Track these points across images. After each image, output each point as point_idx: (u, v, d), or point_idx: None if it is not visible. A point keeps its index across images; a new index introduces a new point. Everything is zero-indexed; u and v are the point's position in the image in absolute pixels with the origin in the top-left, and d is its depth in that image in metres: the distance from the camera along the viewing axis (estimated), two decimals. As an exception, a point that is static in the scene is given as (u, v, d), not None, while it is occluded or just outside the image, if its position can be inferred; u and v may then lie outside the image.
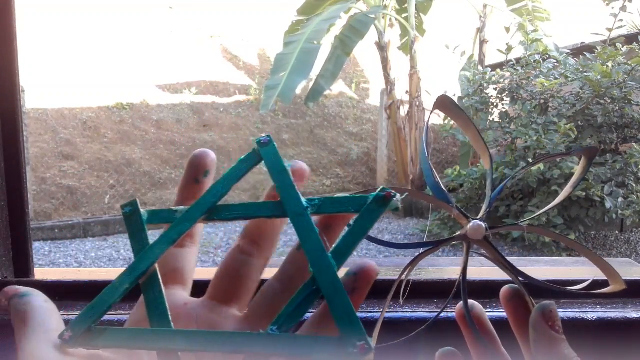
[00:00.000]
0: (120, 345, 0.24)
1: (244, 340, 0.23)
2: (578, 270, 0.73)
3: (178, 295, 0.28)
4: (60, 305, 0.52)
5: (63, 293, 0.53)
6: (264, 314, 0.26)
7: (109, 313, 0.26)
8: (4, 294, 0.26)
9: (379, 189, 0.25)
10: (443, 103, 0.34)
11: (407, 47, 5.82)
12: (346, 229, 0.26)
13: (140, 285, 0.26)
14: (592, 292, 0.35)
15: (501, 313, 0.35)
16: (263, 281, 0.29)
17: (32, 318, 0.24)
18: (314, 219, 0.26)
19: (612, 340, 0.45)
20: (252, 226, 0.29)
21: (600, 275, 0.35)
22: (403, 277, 0.34)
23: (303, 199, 0.26)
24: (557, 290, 0.33)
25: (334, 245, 0.24)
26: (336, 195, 0.26)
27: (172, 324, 0.25)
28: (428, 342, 0.37)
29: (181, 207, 0.28)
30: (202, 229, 0.31)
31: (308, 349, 0.22)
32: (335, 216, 0.26)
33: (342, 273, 0.24)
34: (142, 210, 0.28)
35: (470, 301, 0.34)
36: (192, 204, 0.27)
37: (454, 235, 0.33)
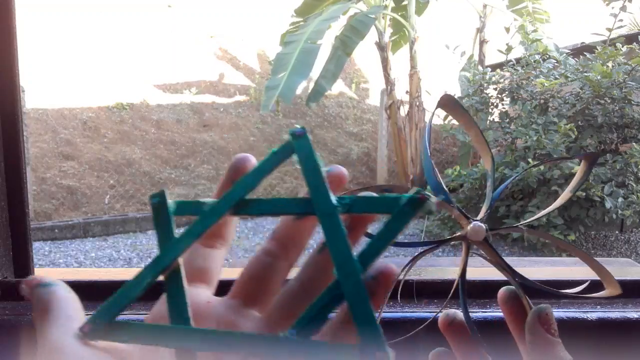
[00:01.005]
0: (139, 340, 0.24)
1: (262, 343, 0.22)
2: (578, 270, 0.73)
3: (202, 294, 0.28)
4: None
5: (63, 293, 0.53)
6: (283, 316, 0.26)
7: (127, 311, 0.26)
8: (27, 283, 0.26)
9: (413, 190, 0.24)
10: (446, 102, 0.34)
11: (399, 45, 5.83)
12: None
13: (164, 279, 0.25)
14: (587, 296, 0.35)
15: (500, 313, 0.35)
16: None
17: (55, 308, 0.24)
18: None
19: (612, 340, 0.45)
20: (281, 228, 0.29)
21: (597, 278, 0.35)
22: (402, 276, 0.34)
23: (333, 197, 0.25)
24: (554, 292, 0.33)
25: (360, 249, 0.23)
26: (368, 195, 0.25)
27: (191, 321, 0.24)
28: (427, 341, 0.37)
29: (209, 200, 0.27)
30: (234, 229, 0.31)
31: (326, 356, 0.21)
32: (359, 217, 0.25)
33: None
34: (169, 202, 0.27)
35: (452, 311, 0.33)
36: (220, 197, 0.27)
37: (454, 235, 0.33)
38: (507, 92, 4.53)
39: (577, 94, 4.16)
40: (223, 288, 0.30)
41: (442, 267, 0.56)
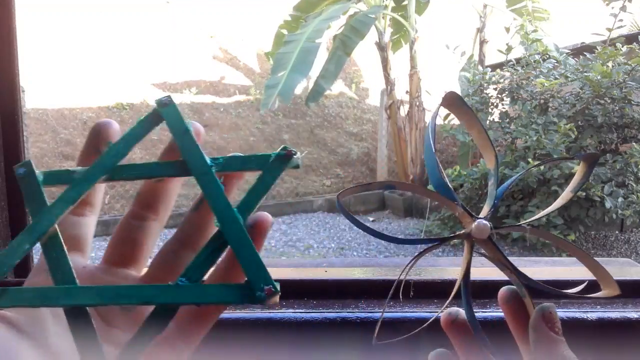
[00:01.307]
0: (25, 304, 0.23)
1: (154, 292, 0.23)
2: (578, 270, 0.73)
3: (76, 261, 0.28)
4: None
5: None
6: (163, 273, 0.27)
7: None
8: None
9: (280, 148, 0.26)
10: (451, 99, 0.34)
11: (399, 44, 5.83)
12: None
13: (41, 245, 0.25)
14: (587, 296, 0.35)
15: (499, 313, 0.35)
16: None
17: None
18: None
19: (612, 340, 0.45)
20: (145, 191, 0.29)
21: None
22: (403, 275, 0.34)
23: (207, 158, 0.26)
24: (556, 293, 0.33)
25: (238, 202, 0.25)
26: (239, 155, 0.27)
27: (77, 281, 0.24)
28: (427, 342, 0.37)
29: (79, 168, 0.27)
30: (102, 197, 0.31)
31: (218, 295, 0.23)
32: (230, 176, 0.27)
33: None
34: (37, 171, 0.27)
35: (455, 309, 0.33)
36: (91, 164, 0.27)
37: (458, 233, 0.32)
38: (507, 92, 4.53)
39: (577, 94, 4.15)
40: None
41: (442, 267, 0.56)
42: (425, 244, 0.31)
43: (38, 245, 0.26)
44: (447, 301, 0.33)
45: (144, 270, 0.29)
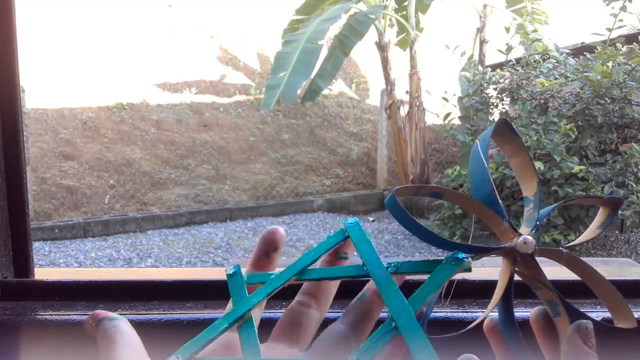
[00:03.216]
0: None
1: None
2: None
3: (273, 348, 0.31)
4: (60, 305, 0.52)
5: (63, 293, 0.53)
6: (325, 351, 0.30)
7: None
8: (93, 316, 0.29)
9: (452, 253, 0.29)
10: (501, 128, 0.34)
11: (406, 43, 5.82)
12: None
13: (237, 328, 0.30)
14: (613, 326, 0.35)
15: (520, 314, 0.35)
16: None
17: (120, 340, 0.28)
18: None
19: (612, 340, 0.45)
20: (310, 285, 0.34)
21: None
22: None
23: (385, 263, 0.31)
24: (594, 321, 0.33)
25: (411, 296, 0.29)
26: (413, 260, 0.31)
27: (261, 356, 0.28)
28: (466, 343, 0.37)
29: (276, 270, 0.33)
30: (331, 296, 0.34)
31: None
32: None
33: None
34: (242, 272, 0.33)
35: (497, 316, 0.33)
36: (286, 267, 0.32)
37: (501, 246, 0.32)
38: (507, 92, 4.53)
39: (577, 94, 4.15)
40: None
41: (485, 267, 0.55)
42: (461, 250, 0.31)
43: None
44: (488, 308, 0.33)
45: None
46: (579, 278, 0.34)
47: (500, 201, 0.32)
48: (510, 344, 0.32)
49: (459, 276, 0.32)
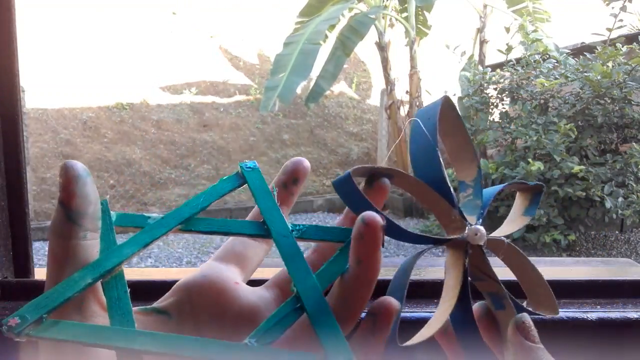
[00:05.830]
0: (75, 339, 0.23)
1: (218, 349, 0.22)
2: (578, 270, 0.73)
3: (231, 274, 0.29)
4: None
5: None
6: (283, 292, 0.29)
7: None
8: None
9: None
10: (444, 106, 0.31)
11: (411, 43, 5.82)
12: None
13: (102, 283, 0.25)
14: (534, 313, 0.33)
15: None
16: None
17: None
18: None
19: (612, 340, 0.45)
20: (322, 244, 0.30)
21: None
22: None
23: (288, 223, 0.26)
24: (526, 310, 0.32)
25: (318, 270, 0.25)
26: (321, 226, 0.26)
27: (135, 324, 0.23)
28: (426, 343, 0.37)
29: (154, 214, 0.27)
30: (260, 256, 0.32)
31: None
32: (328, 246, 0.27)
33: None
34: (112, 212, 0.27)
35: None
36: (168, 212, 0.27)
37: (454, 237, 0.30)
38: (507, 92, 4.53)
39: (577, 94, 4.15)
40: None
41: (443, 268, 0.56)
42: (417, 242, 0.30)
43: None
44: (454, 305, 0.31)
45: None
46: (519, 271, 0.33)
47: (451, 188, 0.30)
48: (468, 346, 0.29)
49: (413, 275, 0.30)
